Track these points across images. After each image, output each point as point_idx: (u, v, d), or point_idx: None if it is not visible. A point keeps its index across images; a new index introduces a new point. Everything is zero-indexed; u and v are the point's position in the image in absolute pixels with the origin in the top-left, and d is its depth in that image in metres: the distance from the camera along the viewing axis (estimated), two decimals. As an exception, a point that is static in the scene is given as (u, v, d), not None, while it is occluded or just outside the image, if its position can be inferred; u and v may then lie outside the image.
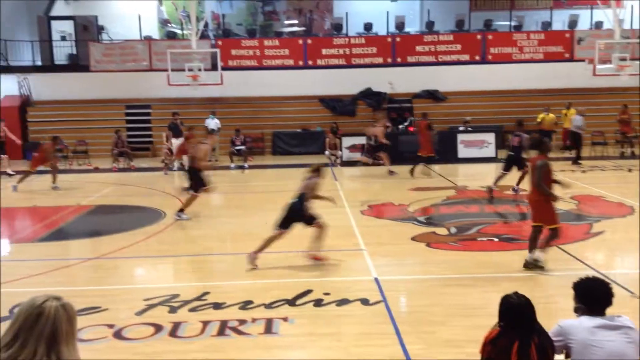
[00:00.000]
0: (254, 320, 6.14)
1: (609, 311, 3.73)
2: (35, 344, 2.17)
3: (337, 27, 24.55)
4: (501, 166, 13.21)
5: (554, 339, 3.61)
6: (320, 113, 22.53)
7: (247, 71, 22.43)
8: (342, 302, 6.63)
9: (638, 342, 3.62)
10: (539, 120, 19.74)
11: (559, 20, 24.72)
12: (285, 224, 8.00)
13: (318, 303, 6.61)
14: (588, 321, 3.64)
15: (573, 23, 23.72)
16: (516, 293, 3.63)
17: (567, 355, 3.67)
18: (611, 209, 11.31)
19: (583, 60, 20.24)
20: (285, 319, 6.15)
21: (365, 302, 6.63)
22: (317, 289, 6.99)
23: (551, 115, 19.69)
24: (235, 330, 5.93)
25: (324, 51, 22.78)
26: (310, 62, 22.76)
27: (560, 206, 11.34)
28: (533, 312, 3.52)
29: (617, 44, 18.15)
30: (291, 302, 6.61)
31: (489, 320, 3.72)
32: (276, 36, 24.46)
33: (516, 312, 3.49)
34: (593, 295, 3.75)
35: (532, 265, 7.54)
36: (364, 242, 9.25)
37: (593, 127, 19.57)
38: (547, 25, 24.12)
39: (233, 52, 22.58)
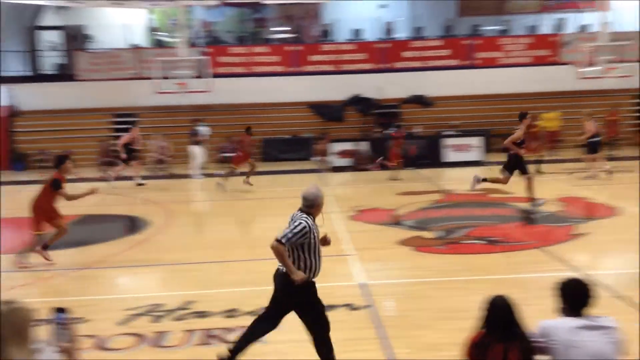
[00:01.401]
0: (239, 328, 6.09)
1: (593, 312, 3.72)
2: None
3: (326, 33, 24.63)
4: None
5: (536, 340, 3.61)
6: (309, 119, 22.55)
7: (236, 78, 22.43)
8: (328, 307, 6.54)
9: (620, 343, 3.63)
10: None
11: (546, 24, 24.90)
12: None
13: (304, 309, 6.56)
14: (570, 322, 3.64)
15: (559, 27, 23.90)
16: (500, 295, 3.63)
17: (550, 357, 3.67)
18: (595, 210, 11.36)
19: (569, 64, 20.34)
20: (270, 326, 6.10)
21: (351, 307, 6.60)
22: (303, 295, 6.94)
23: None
24: (219, 338, 5.88)
25: (313, 57, 22.85)
26: (299, 69, 22.80)
27: (544, 208, 11.48)
28: (517, 314, 3.52)
29: (603, 46, 18.30)
30: (276, 309, 6.56)
31: (475, 323, 3.71)
32: (266, 43, 24.50)
33: (500, 314, 3.49)
34: (574, 296, 3.75)
35: None
36: (351, 247, 9.23)
37: (579, 129, 19.63)
38: (534, 29, 24.29)
39: (222, 59, 22.59)
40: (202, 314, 6.49)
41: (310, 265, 4.97)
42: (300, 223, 4.81)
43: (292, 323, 6.20)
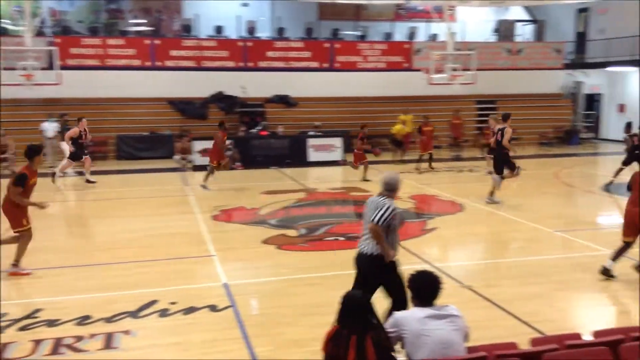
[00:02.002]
0: (92, 335, 5.78)
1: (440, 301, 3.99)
2: None
3: (187, 29, 24.04)
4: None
5: (389, 330, 3.80)
6: (169, 116, 21.87)
7: (89, 71, 21.15)
8: (190, 310, 6.47)
9: (464, 330, 3.92)
10: (394, 131, 20.66)
11: (400, 31, 26.36)
12: None
13: (163, 313, 6.38)
14: (419, 312, 3.87)
15: (412, 35, 25.41)
16: (355, 290, 3.77)
17: (402, 346, 3.88)
18: (444, 207, 12.26)
19: (420, 70, 21.68)
20: (127, 332, 5.86)
21: (213, 308, 6.52)
22: (163, 299, 6.75)
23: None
24: (70, 347, 5.54)
25: (173, 52, 22.17)
26: (158, 63, 22.02)
27: (397, 205, 12.17)
28: (369, 306, 3.66)
29: (450, 55, 19.73)
30: (134, 314, 6.32)
31: (335, 317, 3.83)
32: (121, 35, 23.33)
33: (353, 308, 3.62)
34: (423, 288, 3.99)
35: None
36: (215, 247, 9.12)
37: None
38: (389, 36, 25.60)
39: (73, 50, 21.17)
40: (51, 323, 6.06)
41: (394, 243, 5.39)
42: (390, 206, 5.26)
43: (150, 329, 6.01)
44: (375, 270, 5.31)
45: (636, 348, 3.55)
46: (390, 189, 5.40)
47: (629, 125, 15.51)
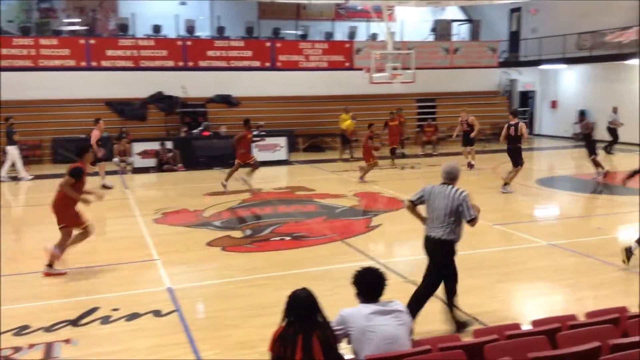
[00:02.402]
0: (31, 346, 5.56)
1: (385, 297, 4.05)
2: None
3: (123, 28, 23.43)
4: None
5: (336, 328, 3.82)
6: (107, 117, 21.20)
7: (22, 72, 20.32)
8: (133, 316, 6.31)
9: (409, 324, 3.99)
10: (344, 126, 20.77)
11: (340, 31, 26.55)
12: None
13: (105, 320, 6.21)
14: (364, 308, 3.92)
15: (352, 34, 25.64)
16: (302, 289, 3.76)
17: (349, 343, 3.91)
18: (388, 204, 12.44)
19: (362, 69, 21.91)
20: (67, 341, 5.67)
21: (157, 313, 6.39)
22: (105, 306, 6.57)
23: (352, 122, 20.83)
24: (8, 359, 5.30)
25: (109, 52, 21.56)
26: (94, 63, 21.38)
27: (343, 203, 12.30)
28: (315, 305, 3.66)
29: (389, 54, 20.01)
30: (75, 323, 6.12)
31: (281, 317, 3.81)
32: (54, 35, 22.50)
33: (298, 306, 3.63)
34: (368, 284, 4.04)
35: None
36: (157, 251, 8.93)
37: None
38: (329, 35, 25.74)
39: (4, 51, 20.31)
40: (-15, 336, 5.79)
41: (462, 228, 5.82)
42: (467, 194, 5.67)
43: (92, 337, 5.84)
44: (446, 254, 5.76)
45: (572, 336, 3.71)
46: (452, 178, 5.82)
47: (582, 114, 16.13)
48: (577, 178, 15.95)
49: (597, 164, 14.99)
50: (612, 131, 20.44)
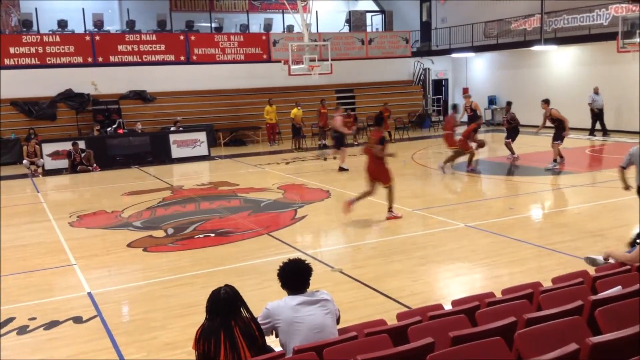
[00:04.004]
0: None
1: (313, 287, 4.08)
2: None
3: (27, 24, 22.16)
4: None
5: (262, 321, 3.82)
6: (14, 118, 20.15)
7: None
8: (52, 324, 6.05)
9: (335, 312, 4.05)
10: (292, 115, 20.75)
11: (256, 23, 26.32)
12: None
13: (22, 330, 5.91)
14: (291, 300, 3.93)
15: (268, 26, 25.48)
16: (225, 285, 3.73)
17: (276, 335, 3.92)
18: (312, 195, 12.53)
19: (280, 61, 21.86)
20: (-20, 356, 5.36)
21: (78, 320, 6.15)
22: (21, 315, 6.26)
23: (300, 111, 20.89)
24: None
25: (12, 49, 20.34)
26: (-5, 62, 20.14)
27: (267, 196, 12.28)
28: (236, 301, 3.65)
29: (306, 46, 20.07)
30: (-12, 336, 5.79)
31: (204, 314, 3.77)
32: (-52, 32, 20.99)
33: (219, 303, 3.60)
34: (293, 276, 4.05)
35: None
36: (75, 256, 8.59)
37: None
38: (245, 27, 25.47)
39: None
40: None
41: None
42: None
43: (9, 349, 5.54)
44: None
45: (490, 313, 3.89)
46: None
47: (509, 104, 16.78)
48: (491, 161, 16.68)
49: (510, 149, 15.91)
50: (595, 113, 20.19)
